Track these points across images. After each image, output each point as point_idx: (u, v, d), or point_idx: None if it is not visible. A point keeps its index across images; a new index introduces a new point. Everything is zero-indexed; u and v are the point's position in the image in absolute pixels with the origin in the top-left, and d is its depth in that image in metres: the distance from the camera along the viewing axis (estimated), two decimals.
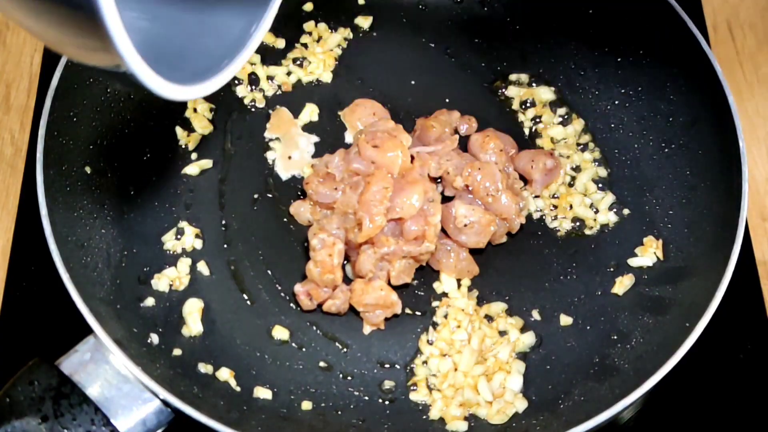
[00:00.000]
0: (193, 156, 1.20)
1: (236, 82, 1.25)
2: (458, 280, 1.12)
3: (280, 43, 1.28)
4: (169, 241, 1.14)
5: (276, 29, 1.29)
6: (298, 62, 1.27)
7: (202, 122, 1.21)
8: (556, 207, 1.17)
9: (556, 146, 1.21)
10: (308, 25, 1.29)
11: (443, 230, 1.11)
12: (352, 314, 1.10)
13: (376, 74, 1.26)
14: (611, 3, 1.24)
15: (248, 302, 1.11)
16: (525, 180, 1.18)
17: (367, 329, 1.09)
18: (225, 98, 1.24)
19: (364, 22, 1.30)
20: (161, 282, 1.10)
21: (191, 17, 0.80)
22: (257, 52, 1.27)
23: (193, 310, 1.08)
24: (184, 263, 1.12)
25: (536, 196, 1.17)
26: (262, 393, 1.04)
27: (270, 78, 1.26)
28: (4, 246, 1.20)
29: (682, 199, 1.15)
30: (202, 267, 1.12)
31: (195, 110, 1.22)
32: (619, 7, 1.23)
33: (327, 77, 1.26)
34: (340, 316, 1.10)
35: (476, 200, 1.11)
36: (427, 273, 1.13)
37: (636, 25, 1.22)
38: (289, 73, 1.26)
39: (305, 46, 1.28)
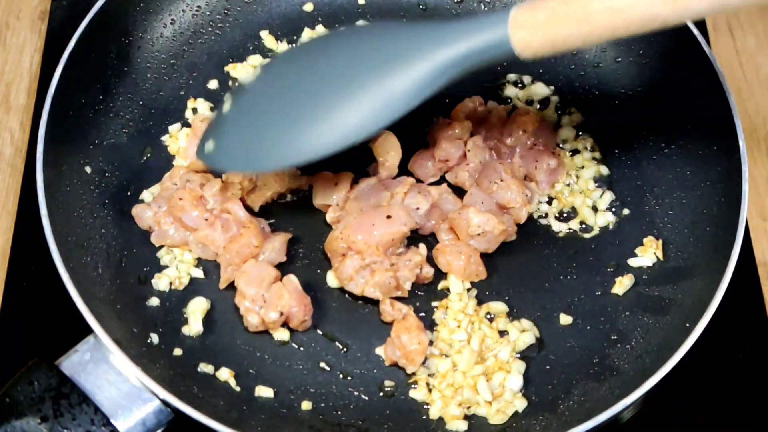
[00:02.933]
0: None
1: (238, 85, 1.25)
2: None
3: (282, 47, 1.28)
4: None
5: (276, 31, 1.29)
6: None
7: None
8: (556, 207, 1.17)
9: (556, 147, 1.21)
10: (308, 27, 1.29)
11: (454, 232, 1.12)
12: (352, 314, 1.10)
13: None
14: None
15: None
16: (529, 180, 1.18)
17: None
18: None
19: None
20: (161, 281, 1.10)
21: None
22: (259, 53, 1.27)
23: (197, 309, 1.08)
24: (185, 263, 1.12)
25: (546, 199, 1.17)
26: (262, 393, 1.04)
27: None
28: (4, 246, 1.20)
29: (682, 199, 1.15)
30: (203, 266, 1.12)
31: (195, 110, 1.22)
32: None
33: None
34: (340, 316, 1.10)
35: (484, 200, 1.12)
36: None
37: None
38: None
39: None
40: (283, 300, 1.05)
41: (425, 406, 1.05)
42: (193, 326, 1.08)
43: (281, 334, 1.08)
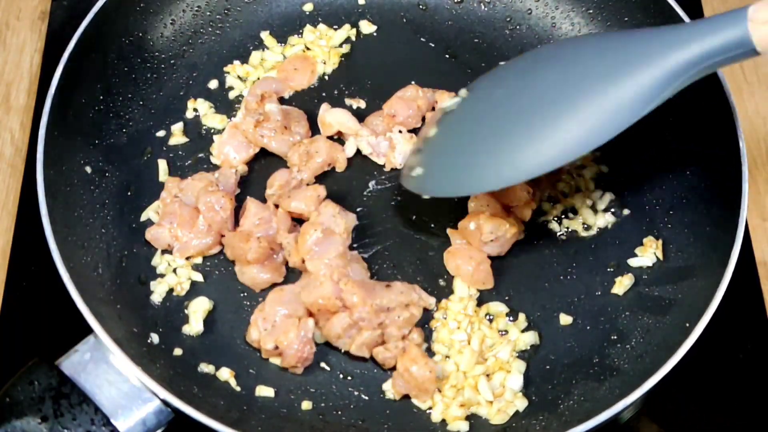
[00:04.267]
0: None
1: (236, 81, 1.25)
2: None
3: (284, 49, 1.28)
4: None
5: (276, 31, 1.29)
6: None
7: (215, 118, 1.21)
8: (556, 207, 1.17)
9: None
10: (309, 26, 1.29)
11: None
12: None
13: (376, 74, 1.26)
14: (611, 2, 1.25)
15: (248, 302, 1.10)
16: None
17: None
18: (224, 99, 1.24)
19: (367, 27, 1.29)
20: (160, 287, 1.10)
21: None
22: (258, 50, 1.27)
23: (199, 309, 1.08)
24: (183, 267, 1.12)
25: (546, 199, 1.17)
26: (263, 393, 1.04)
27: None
28: (4, 246, 1.20)
29: (682, 199, 1.15)
30: (202, 268, 1.12)
31: (195, 110, 1.22)
32: (619, 6, 1.24)
33: (325, 77, 1.27)
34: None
35: (489, 203, 1.11)
36: (427, 273, 1.13)
37: (636, 26, 1.22)
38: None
39: (306, 47, 1.28)
40: (286, 337, 1.03)
41: (426, 407, 1.05)
42: (194, 326, 1.08)
43: (275, 360, 1.07)
